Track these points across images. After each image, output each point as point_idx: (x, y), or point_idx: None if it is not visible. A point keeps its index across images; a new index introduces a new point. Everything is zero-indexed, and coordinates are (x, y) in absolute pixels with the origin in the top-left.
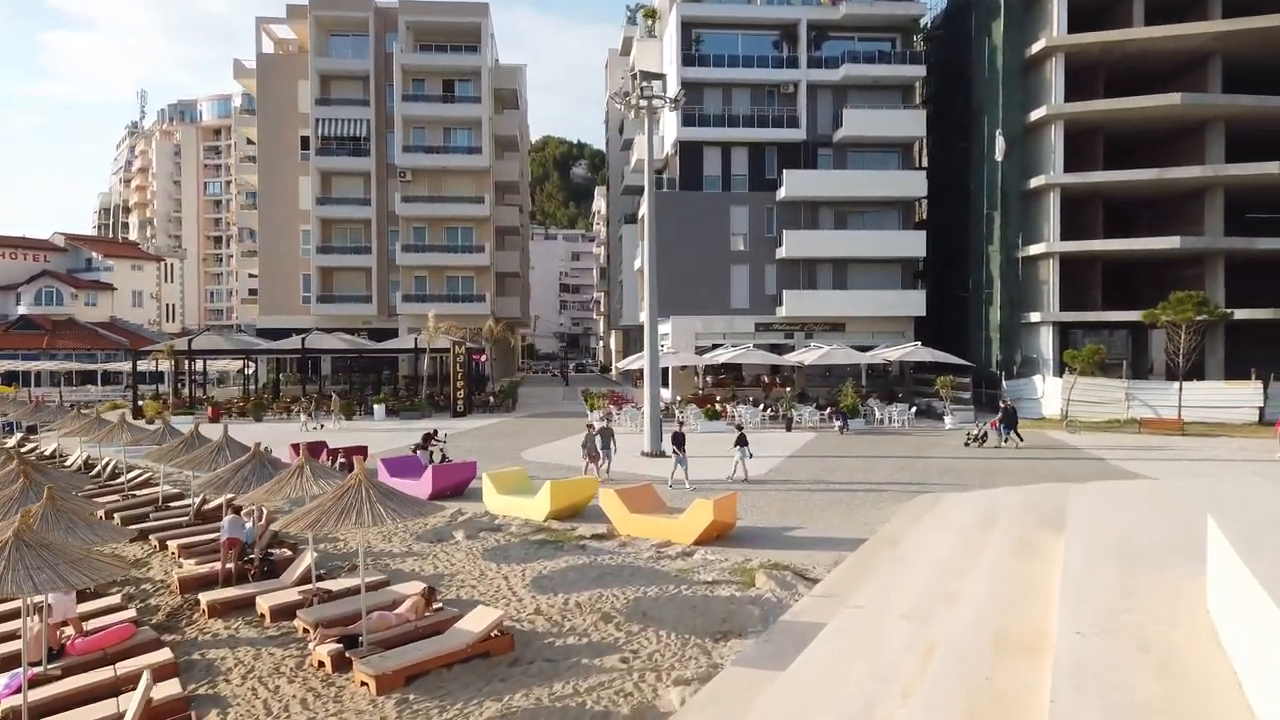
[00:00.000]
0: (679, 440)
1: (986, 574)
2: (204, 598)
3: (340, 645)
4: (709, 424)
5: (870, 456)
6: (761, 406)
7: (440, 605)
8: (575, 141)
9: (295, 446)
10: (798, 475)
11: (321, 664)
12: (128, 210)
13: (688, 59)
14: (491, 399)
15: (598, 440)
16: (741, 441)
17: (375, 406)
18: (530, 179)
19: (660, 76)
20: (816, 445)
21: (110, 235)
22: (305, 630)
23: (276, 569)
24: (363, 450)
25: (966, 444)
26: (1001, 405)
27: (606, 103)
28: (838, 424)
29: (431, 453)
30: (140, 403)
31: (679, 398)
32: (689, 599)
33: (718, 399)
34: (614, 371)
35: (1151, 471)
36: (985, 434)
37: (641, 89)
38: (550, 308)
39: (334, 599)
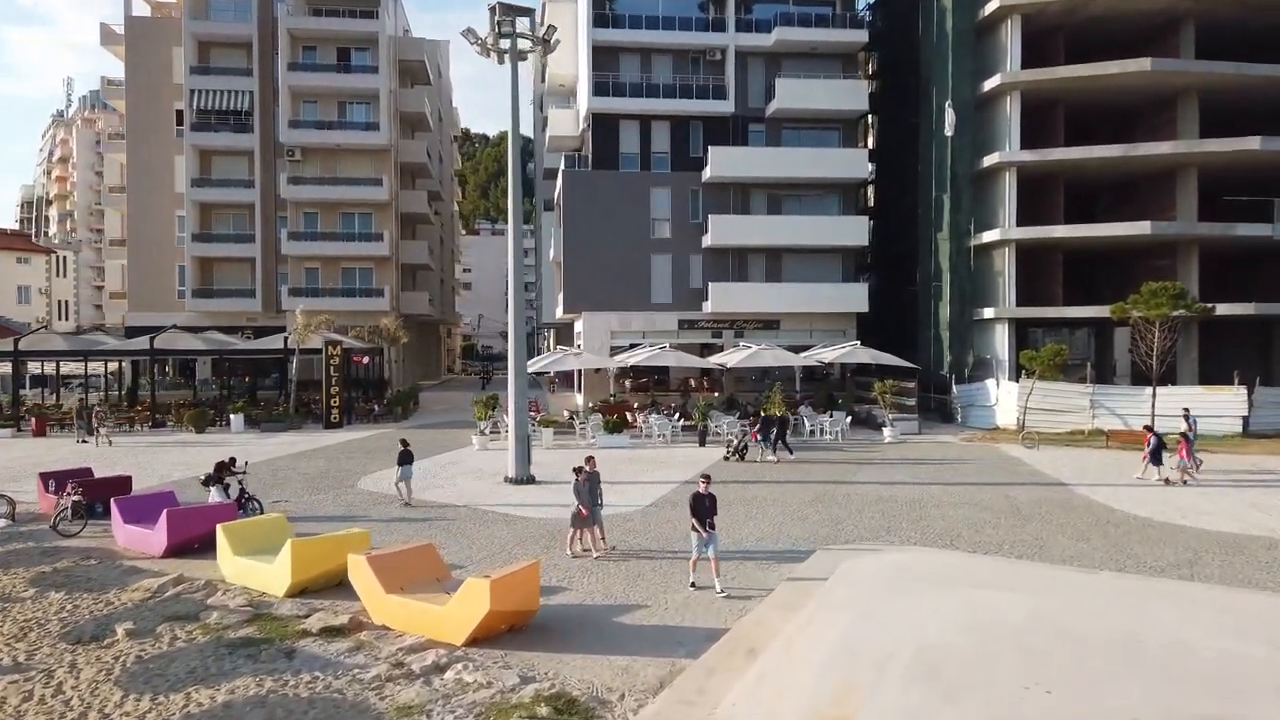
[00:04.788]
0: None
1: None
2: None
3: None
4: (609, 438)
5: (785, 481)
6: (677, 415)
7: None
8: (532, 136)
9: (44, 477)
10: (680, 513)
11: None
12: (49, 203)
13: (600, 19)
14: (376, 407)
15: (586, 490)
16: (405, 459)
17: (233, 417)
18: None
19: (528, 12)
20: (727, 466)
21: (34, 229)
22: None
23: None
24: (125, 481)
25: (726, 458)
26: (761, 413)
27: (533, 86)
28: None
29: (227, 487)
30: None
31: (590, 405)
32: None
33: (635, 406)
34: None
35: (1121, 502)
36: (745, 446)
37: (499, 25)
38: (499, 306)
39: None
